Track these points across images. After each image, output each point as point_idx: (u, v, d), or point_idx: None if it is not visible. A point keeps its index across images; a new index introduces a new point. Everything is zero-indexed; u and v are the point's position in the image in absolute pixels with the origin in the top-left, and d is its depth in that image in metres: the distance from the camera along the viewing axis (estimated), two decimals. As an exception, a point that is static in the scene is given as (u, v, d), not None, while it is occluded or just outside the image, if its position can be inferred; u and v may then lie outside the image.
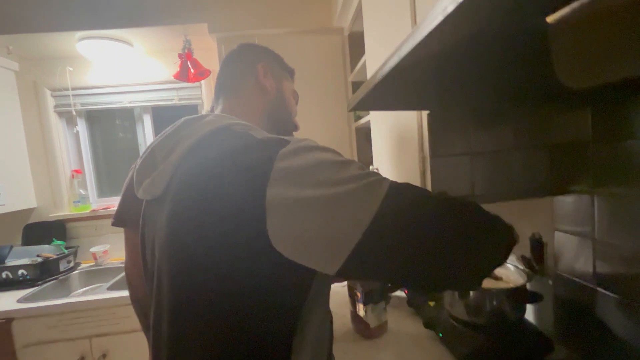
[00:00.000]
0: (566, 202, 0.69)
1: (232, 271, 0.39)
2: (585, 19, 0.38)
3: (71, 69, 1.85)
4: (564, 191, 0.69)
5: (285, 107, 0.67)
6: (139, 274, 0.57)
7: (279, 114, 0.65)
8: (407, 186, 0.39)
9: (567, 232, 0.69)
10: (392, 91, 0.52)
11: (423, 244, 0.37)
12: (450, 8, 0.25)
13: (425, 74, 0.52)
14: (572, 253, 0.69)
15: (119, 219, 0.85)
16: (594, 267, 0.63)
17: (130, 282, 0.86)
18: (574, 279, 0.68)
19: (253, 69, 0.64)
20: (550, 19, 0.43)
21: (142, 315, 0.87)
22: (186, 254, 0.42)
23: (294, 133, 0.70)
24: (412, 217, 0.37)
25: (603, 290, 0.62)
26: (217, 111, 0.62)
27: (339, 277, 0.39)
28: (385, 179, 0.39)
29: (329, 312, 0.54)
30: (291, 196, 0.36)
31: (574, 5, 0.40)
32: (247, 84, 0.64)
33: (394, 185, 0.38)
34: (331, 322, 0.56)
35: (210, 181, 0.40)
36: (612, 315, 0.60)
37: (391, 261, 0.37)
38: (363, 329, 0.86)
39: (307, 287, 0.44)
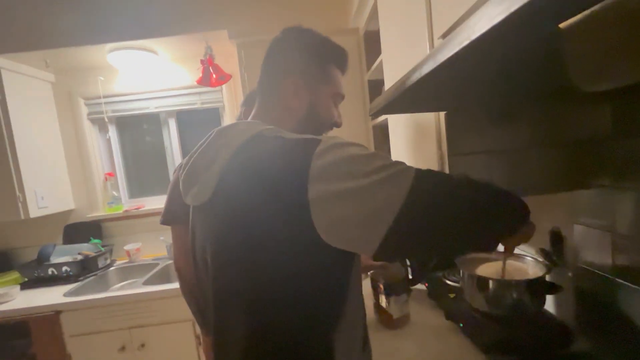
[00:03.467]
0: (585, 196, 0.70)
1: (286, 259, 0.46)
2: (595, 25, 0.40)
3: (102, 78, 1.96)
4: (582, 186, 0.70)
5: (317, 119, 0.64)
6: (190, 267, 0.64)
7: (310, 127, 0.63)
8: (430, 171, 0.45)
9: (587, 225, 0.71)
10: (412, 97, 0.56)
11: (448, 222, 0.43)
12: (485, 27, 0.27)
13: (443, 78, 0.55)
14: (592, 246, 0.70)
15: (167, 219, 0.95)
16: (614, 259, 0.65)
17: (181, 275, 0.96)
18: (595, 270, 0.69)
19: (284, 87, 0.61)
20: (563, 25, 0.45)
21: (194, 302, 0.96)
22: (243, 247, 0.48)
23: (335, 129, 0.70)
24: (437, 198, 0.43)
25: (622, 281, 0.63)
26: (252, 114, 0.65)
27: (376, 257, 0.44)
28: (410, 167, 0.44)
29: (362, 296, 0.60)
30: (330, 189, 0.42)
31: (585, 13, 0.42)
32: (276, 98, 0.62)
33: (419, 171, 0.43)
34: (363, 305, 0.61)
35: (256, 184, 0.46)
36: (630, 306, 0.62)
37: (421, 238, 0.44)
38: (386, 320, 0.90)
39: (349, 270, 0.51)
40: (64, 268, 1.70)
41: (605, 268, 0.67)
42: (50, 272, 1.70)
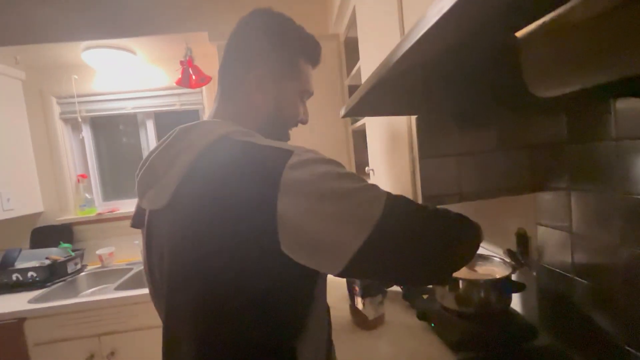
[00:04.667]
0: (546, 198, 0.74)
1: (246, 271, 0.44)
2: (548, 34, 0.43)
3: (76, 77, 1.90)
4: (543, 188, 0.74)
5: (282, 117, 0.61)
6: None
7: (274, 124, 0.61)
8: (401, 199, 0.45)
9: (548, 226, 0.74)
10: (382, 99, 0.57)
11: (413, 253, 0.44)
12: (433, 19, 0.29)
13: (411, 82, 0.57)
14: (554, 245, 0.74)
15: (136, 222, 0.91)
16: (572, 258, 0.69)
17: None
18: (555, 269, 0.73)
19: (247, 78, 0.57)
20: (519, 34, 0.48)
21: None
22: (200, 259, 0.45)
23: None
24: (405, 228, 0.43)
25: (580, 279, 0.67)
26: (212, 110, 0.61)
27: (340, 277, 0.44)
28: (382, 193, 0.44)
29: (326, 304, 0.59)
30: (299, 207, 0.41)
31: (538, 22, 0.45)
32: (239, 91, 0.58)
33: (390, 199, 0.43)
34: (328, 312, 0.61)
35: (220, 190, 0.44)
36: (588, 302, 0.65)
37: (386, 265, 0.44)
38: (361, 321, 0.91)
39: (313, 284, 0.50)
40: (30, 273, 1.62)
41: (565, 267, 0.71)
42: (14, 278, 1.61)
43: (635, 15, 0.34)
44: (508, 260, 0.82)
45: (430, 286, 0.94)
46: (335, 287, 1.05)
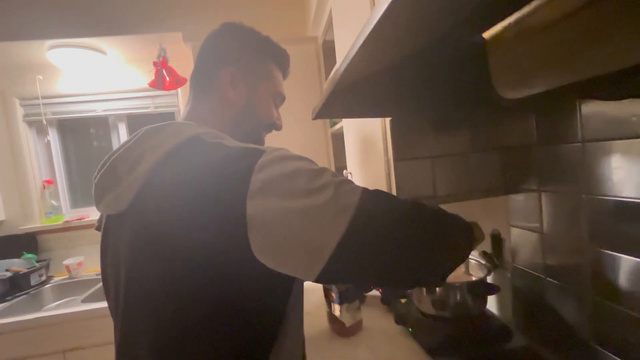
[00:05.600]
0: (518, 200, 0.75)
1: (214, 279, 0.40)
2: (514, 36, 0.43)
3: (41, 77, 1.80)
4: (515, 190, 0.75)
5: (255, 116, 0.61)
6: None
7: (248, 124, 0.61)
8: (377, 194, 0.42)
9: (521, 227, 0.75)
10: (351, 101, 0.56)
11: (394, 249, 0.40)
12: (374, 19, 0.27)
13: (381, 84, 0.56)
14: (526, 247, 0.74)
15: (98, 222, 0.86)
16: (544, 258, 0.69)
17: None
18: (528, 270, 0.74)
19: (218, 77, 0.58)
20: (486, 34, 0.48)
21: None
22: (163, 265, 0.42)
23: (275, 133, 0.68)
24: (383, 224, 0.40)
25: (551, 280, 0.68)
26: (183, 114, 0.61)
27: (317, 282, 0.41)
28: (357, 187, 0.41)
29: (302, 314, 0.56)
30: (270, 207, 0.38)
31: (504, 23, 0.45)
32: (210, 93, 0.59)
33: (365, 194, 0.40)
34: (302, 323, 0.58)
35: (187, 193, 0.40)
36: (559, 301, 0.66)
37: (365, 266, 0.40)
38: (339, 328, 0.89)
39: (288, 291, 0.47)
40: (-12, 287, 1.51)
41: (537, 267, 0.71)
42: (-30, 292, 1.50)
43: (598, 17, 0.34)
44: (483, 262, 0.83)
45: (409, 290, 0.93)
46: (312, 293, 1.03)
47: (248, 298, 0.43)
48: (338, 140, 1.68)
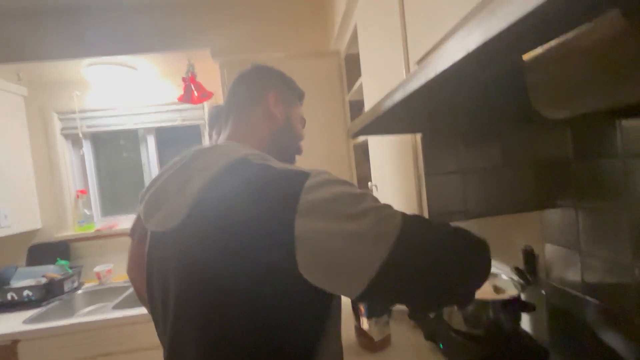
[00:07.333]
0: (553, 216, 0.73)
1: (260, 294, 0.43)
2: (555, 57, 0.44)
3: (78, 93, 1.91)
4: (550, 206, 0.73)
5: (291, 134, 0.68)
6: (142, 280, 0.60)
7: (285, 141, 0.67)
8: (416, 218, 0.45)
9: (556, 244, 0.73)
10: (390, 120, 0.57)
11: (432, 275, 0.43)
12: (459, 56, 0.29)
13: (419, 103, 0.57)
14: (562, 264, 0.72)
15: (131, 230, 0.89)
16: (582, 277, 0.67)
17: (135, 285, 0.90)
18: (565, 288, 0.72)
19: (265, 97, 0.65)
20: (526, 57, 0.48)
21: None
22: (210, 280, 0.45)
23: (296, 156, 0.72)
24: (422, 251, 0.43)
25: (591, 299, 0.65)
26: (224, 135, 0.64)
27: (359, 301, 0.43)
28: (396, 213, 0.44)
29: (339, 332, 0.58)
30: (317, 228, 0.41)
31: (546, 46, 0.46)
32: (256, 110, 0.64)
33: (406, 219, 0.43)
34: (340, 339, 0.59)
35: (238, 213, 0.43)
36: (599, 322, 0.64)
37: (404, 290, 0.44)
38: (367, 343, 0.88)
39: (328, 306, 0.49)
40: (26, 292, 1.58)
41: (575, 286, 0.69)
42: (9, 297, 1.58)
43: (638, 43, 0.34)
44: (515, 278, 0.81)
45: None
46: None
47: (291, 313, 0.45)
48: (360, 151, 1.69)
